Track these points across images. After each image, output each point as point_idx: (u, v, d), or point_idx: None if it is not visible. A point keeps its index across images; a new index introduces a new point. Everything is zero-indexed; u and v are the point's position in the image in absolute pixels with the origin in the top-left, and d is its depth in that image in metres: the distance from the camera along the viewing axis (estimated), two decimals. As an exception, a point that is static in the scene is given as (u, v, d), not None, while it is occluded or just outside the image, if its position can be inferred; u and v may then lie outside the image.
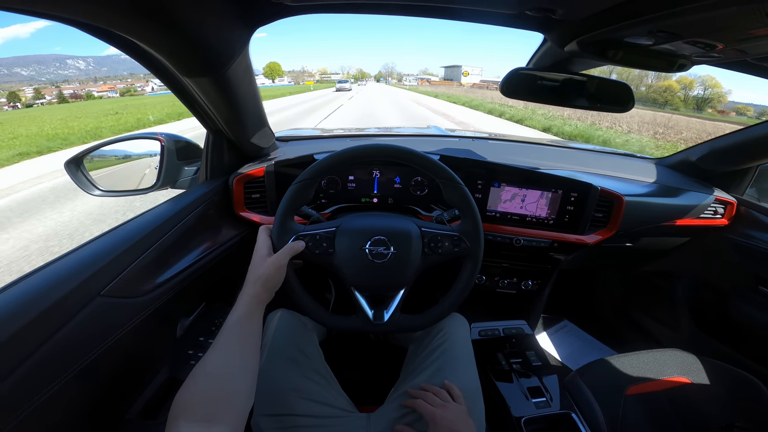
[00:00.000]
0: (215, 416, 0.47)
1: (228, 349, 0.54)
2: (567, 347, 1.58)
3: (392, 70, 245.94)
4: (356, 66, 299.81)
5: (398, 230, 0.74)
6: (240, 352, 0.55)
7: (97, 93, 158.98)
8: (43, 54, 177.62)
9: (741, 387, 0.90)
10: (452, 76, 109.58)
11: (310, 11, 0.61)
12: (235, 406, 0.50)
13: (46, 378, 0.53)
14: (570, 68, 0.85)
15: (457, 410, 0.66)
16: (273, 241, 0.69)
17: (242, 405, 0.52)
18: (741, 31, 0.51)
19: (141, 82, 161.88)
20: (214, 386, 0.50)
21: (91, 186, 0.95)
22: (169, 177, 0.99)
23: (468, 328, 0.91)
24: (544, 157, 1.37)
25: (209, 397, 0.49)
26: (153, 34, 0.53)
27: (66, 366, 0.57)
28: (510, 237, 1.12)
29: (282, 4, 0.55)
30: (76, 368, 0.58)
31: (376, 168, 1.09)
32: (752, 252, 1.16)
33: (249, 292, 0.60)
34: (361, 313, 0.74)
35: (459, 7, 0.61)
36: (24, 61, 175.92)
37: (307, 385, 0.73)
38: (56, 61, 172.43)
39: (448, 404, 0.67)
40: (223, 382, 0.51)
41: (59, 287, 0.57)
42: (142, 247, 0.74)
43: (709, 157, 1.26)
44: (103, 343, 0.63)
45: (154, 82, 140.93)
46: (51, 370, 0.54)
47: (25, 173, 6.53)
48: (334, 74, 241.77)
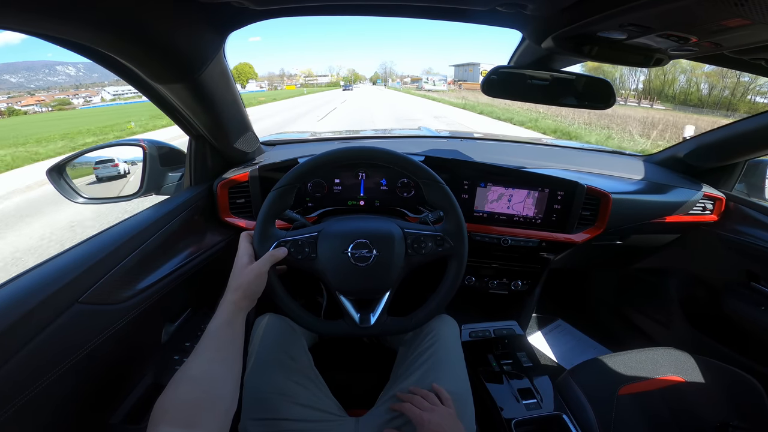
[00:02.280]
0: (197, 421, 0.47)
1: (209, 356, 0.55)
2: (561, 347, 1.57)
3: (391, 70, 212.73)
4: (348, 66, 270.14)
5: (380, 232, 0.74)
6: (221, 359, 0.55)
7: (22, 107, 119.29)
8: (33, 61, 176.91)
9: (735, 385, 0.89)
10: (466, 77, 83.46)
11: (277, 15, 0.62)
12: (217, 411, 0.50)
13: (21, 386, 0.53)
14: (550, 66, 0.85)
15: (446, 413, 0.66)
16: (254, 248, 0.69)
17: (224, 410, 0.52)
18: (712, 22, 0.51)
19: (89, 92, 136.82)
20: (195, 391, 0.50)
21: (74, 193, 0.95)
22: (153, 183, 0.99)
23: (458, 330, 0.90)
24: (531, 156, 1.37)
25: (191, 402, 0.49)
26: (120, 44, 0.53)
27: (42, 373, 0.56)
28: (498, 237, 1.11)
29: (248, 8, 0.55)
30: (54, 375, 0.57)
31: (362, 170, 1.09)
32: (743, 247, 1.16)
33: (229, 299, 0.61)
34: (348, 318, 0.73)
35: (431, 5, 0.61)
36: (13, 68, 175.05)
37: (295, 389, 0.72)
38: (45, 68, 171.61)
39: (437, 407, 0.66)
40: (204, 387, 0.51)
41: (33, 296, 0.57)
42: (123, 253, 0.73)
43: (696, 153, 1.26)
44: (81, 350, 0.62)
45: (107, 90, 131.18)
46: (26, 378, 0.54)
47: None
48: (321, 76, 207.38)
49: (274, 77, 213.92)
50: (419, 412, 0.65)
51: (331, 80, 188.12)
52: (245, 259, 0.66)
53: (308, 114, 17.18)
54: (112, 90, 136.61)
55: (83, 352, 0.62)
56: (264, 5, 0.56)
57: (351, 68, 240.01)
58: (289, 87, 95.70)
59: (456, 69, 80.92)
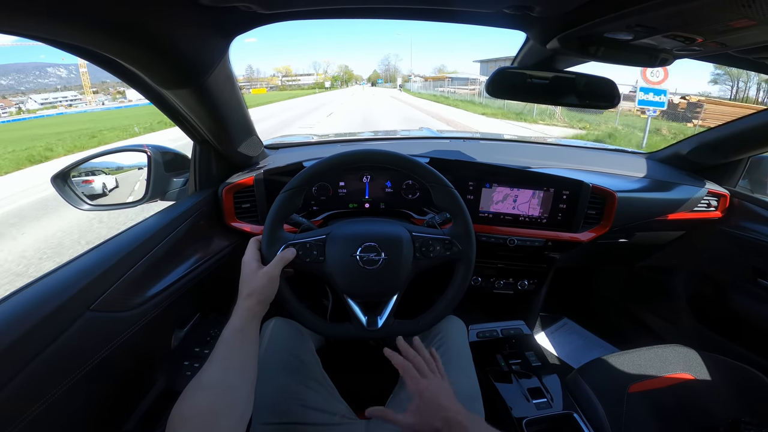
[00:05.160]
0: (213, 429, 0.48)
1: (224, 363, 0.55)
2: (568, 345, 1.57)
3: (396, 68, 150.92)
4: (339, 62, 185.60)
5: (389, 236, 0.74)
6: (236, 367, 0.55)
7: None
8: (24, 63, 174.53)
9: (745, 382, 0.89)
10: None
11: (284, 18, 0.61)
12: (233, 418, 0.51)
13: (36, 395, 0.53)
14: (555, 66, 0.85)
15: (442, 384, 0.60)
16: (262, 252, 0.69)
17: (239, 417, 0.52)
18: (720, 23, 0.51)
19: (4, 102, 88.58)
20: (211, 399, 0.51)
21: (79, 200, 0.95)
22: (158, 189, 0.99)
23: (465, 331, 0.90)
24: (535, 155, 1.37)
25: (207, 410, 0.49)
26: (126, 48, 0.53)
27: (56, 382, 0.56)
28: (504, 237, 1.11)
29: (255, 12, 0.55)
30: (68, 383, 0.58)
31: (367, 173, 1.09)
32: (748, 244, 1.16)
33: (244, 305, 0.61)
34: (355, 320, 0.73)
35: (437, 8, 0.61)
36: (4, 70, 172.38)
37: (305, 392, 0.72)
38: (36, 70, 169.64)
39: (435, 376, 0.62)
40: (220, 395, 0.52)
41: (46, 304, 0.57)
42: (132, 260, 0.73)
43: (699, 150, 1.26)
44: (94, 358, 0.63)
45: (34, 99, 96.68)
46: (41, 387, 0.54)
47: None
48: (304, 75, 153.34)
49: (239, 79, 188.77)
50: (418, 378, 0.60)
51: (317, 80, 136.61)
52: (254, 264, 0.65)
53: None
54: (40, 98, 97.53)
55: (96, 359, 0.63)
56: (272, 9, 0.56)
57: (343, 64, 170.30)
58: (257, 91, 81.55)
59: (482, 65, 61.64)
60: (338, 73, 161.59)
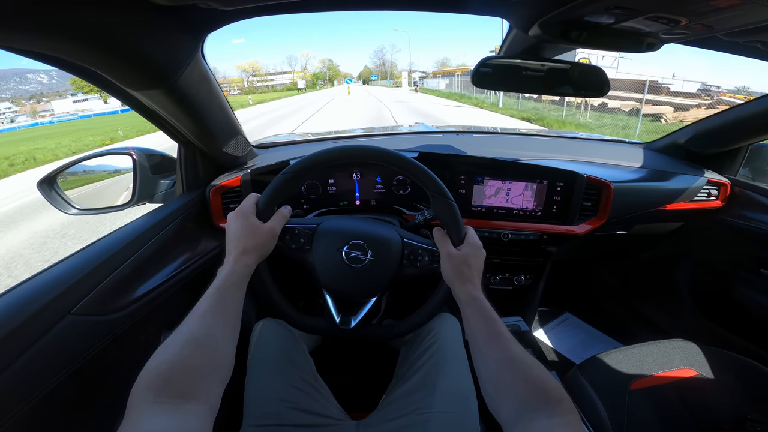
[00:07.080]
0: (195, 390, 0.42)
1: (213, 317, 0.50)
2: (569, 341, 1.55)
3: (393, 63, 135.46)
4: (321, 56, 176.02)
5: (378, 237, 0.73)
6: (224, 322, 0.51)
7: None
8: (4, 69, 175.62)
9: (750, 377, 0.86)
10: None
11: (249, 15, 0.60)
12: (217, 376, 0.46)
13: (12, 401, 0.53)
14: (541, 55, 0.83)
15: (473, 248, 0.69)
16: (260, 208, 0.66)
17: (222, 380, 0.47)
18: (700, 2, 0.49)
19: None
20: (197, 354, 0.45)
21: (66, 205, 0.94)
22: (145, 192, 0.98)
23: (459, 327, 0.88)
24: (526, 147, 1.35)
25: (192, 364, 0.44)
26: (86, 52, 0.52)
27: (36, 387, 0.56)
28: (498, 232, 1.09)
29: (217, 10, 0.54)
30: (48, 388, 0.57)
31: (357, 170, 1.07)
32: (751, 233, 1.13)
33: (243, 260, 0.59)
34: (328, 316, 0.73)
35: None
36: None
37: (296, 395, 0.71)
38: (17, 76, 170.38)
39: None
40: (206, 351, 0.46)
41: (23, 310, 0.57)
42: (115, 262, 0.72)
43: (697, 138, 1.23)
44: (76, 362, 0.62)
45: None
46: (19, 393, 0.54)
47: None
48: (278, 74, 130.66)
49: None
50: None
51: (294, 78, 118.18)
52: (255, 220, 0.63)
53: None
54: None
55: (78, 363, 0.62)
56: (232, 5, 0.55)
57: (326, 58, 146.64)
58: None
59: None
60: (320, 70, 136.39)
